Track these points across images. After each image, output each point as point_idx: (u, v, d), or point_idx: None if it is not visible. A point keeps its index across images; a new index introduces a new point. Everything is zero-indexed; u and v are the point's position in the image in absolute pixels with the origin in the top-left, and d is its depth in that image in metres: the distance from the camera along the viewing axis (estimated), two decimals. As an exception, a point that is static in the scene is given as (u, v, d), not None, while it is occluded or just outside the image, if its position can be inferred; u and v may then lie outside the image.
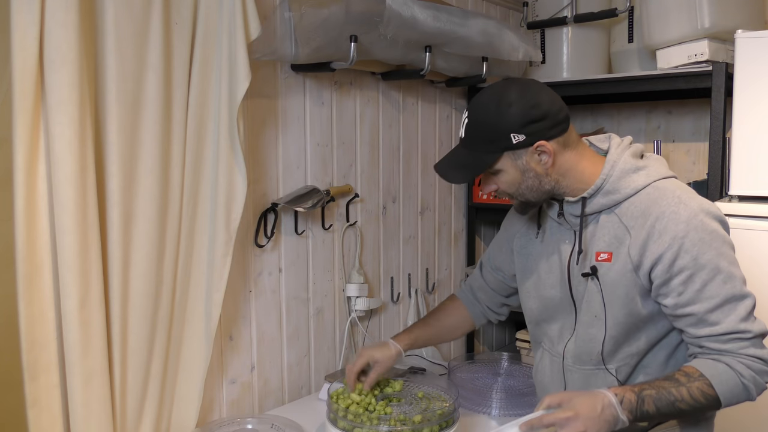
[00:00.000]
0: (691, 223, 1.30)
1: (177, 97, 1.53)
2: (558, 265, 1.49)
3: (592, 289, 1.41)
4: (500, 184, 1.41)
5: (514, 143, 1.34)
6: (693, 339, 1.34)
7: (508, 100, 1.34)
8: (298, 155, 1.99)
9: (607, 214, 1.40)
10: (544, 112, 1.34)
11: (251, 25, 1.59)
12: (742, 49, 1.92)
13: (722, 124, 2.06)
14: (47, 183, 1.32)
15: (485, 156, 1.37)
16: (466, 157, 1.40)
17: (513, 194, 1.43)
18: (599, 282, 1.40)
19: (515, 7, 2.82)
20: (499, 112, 1.34)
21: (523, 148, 1.35)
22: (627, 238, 1.36)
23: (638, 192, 1.37)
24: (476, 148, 1.38)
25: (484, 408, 1.89)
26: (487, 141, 1.37)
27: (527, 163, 1.37)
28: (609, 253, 1.38)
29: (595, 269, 1.40)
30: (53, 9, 1.26)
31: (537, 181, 1.38)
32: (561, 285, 1.48)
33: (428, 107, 2.51)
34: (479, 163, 1.39)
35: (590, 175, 1.40)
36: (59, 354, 1.37)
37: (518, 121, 1.33)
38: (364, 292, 2.19)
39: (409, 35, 1.97)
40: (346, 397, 1.63)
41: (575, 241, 1.44)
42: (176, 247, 1.58)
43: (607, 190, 1.38)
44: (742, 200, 1.98)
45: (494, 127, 1.35)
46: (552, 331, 1.55)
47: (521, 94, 1.35)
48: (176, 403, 1.65)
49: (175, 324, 1.61)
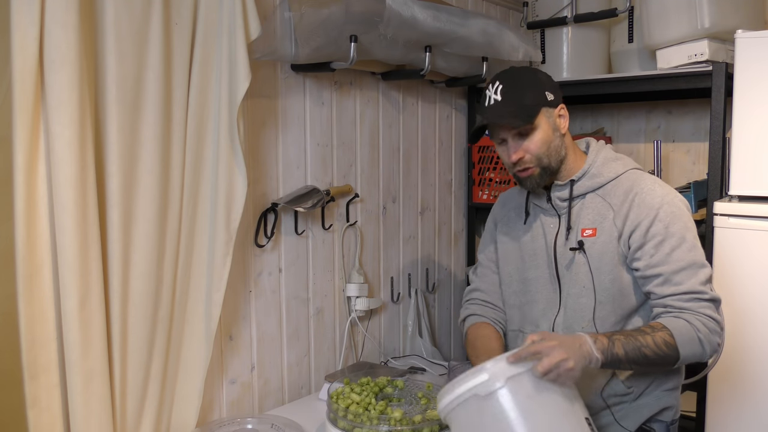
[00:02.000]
0: (665, 199, 1.51)
1: (177, 97, 1.53)
2: (543, 247, 1.63)
3: (580, 261, 1.56)
4: (533, 143, 1.52)
5: (548, 100, 1.53)
6: (658, 299, 1.50)
7: (533, 70, 1.61)
8: (298, 155, 1.99)
9: (592, 196, 1.58)
10: (557, 83, 1.60)
11: (251, 25, 1.59)
12: (742, 49, 1.92)
13: (722, 124, 2.06)
14: (47, 183, 1.32)
15: (531, 105, 1.52)
16: (515, 110, 1.51)
17: (541, 155, 1.53)
18: (586, 254, 1.55)
19: (515, 7, 2.82)
20: (533, 75, 1.57)
21: (554, 108, 1.55)
22: (610, 212, 1.55)
23: (618, 176, 1.57)
24: (519, 100, 1.52)
25: (484, 408, 1.89)
26: (528, 94, 1.52)
27: (556, 122, 1.55)
28: (593, 229, 1.56)
29: (582, 243, 1.56)
30: (53, 9, 1.26)
31: (560, 141, 1.56)
32: (547, 264, 1.62)
33: (428, 107, 2.51)
34: (528, 111, 1.51)
35: (579, 160, 1.61)
36: (59, 354, 1.37)
37: (548, 83, 1.57)
38: (364, 292, 2.19)
39: (409, 35, 1.98)
40: (345, 397, 1.63)
41: (560, 223, 1.61)
42: (176, 247, 1.58)
43: (592, 174, 1.58)
44: (742, 200, 1.97)
45: (533, 84, 1.54)
46: (535, 312, 1.65)
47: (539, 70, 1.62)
48: (176, 403, 1.65)
49: (175, 324, 1.61)
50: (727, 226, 1.94)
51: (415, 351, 2.45)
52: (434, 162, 2.56)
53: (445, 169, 2.62)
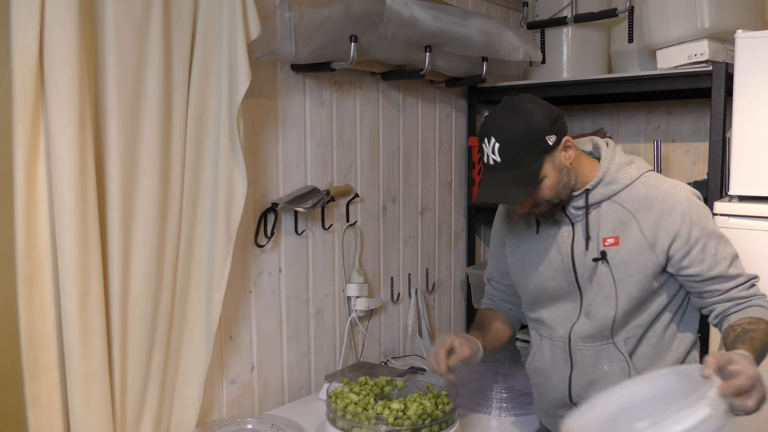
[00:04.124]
0: (691, 201, 1.50)
1: (177, 97, 1.53)
2: (558, 257, 1.57)
3: (602, 272, 1.51)
4: (542, 192, 1.45)
5: (550, 144, 1.44)
6: (721, 295, 1.49)
7: (526, 110, 1.44)
8: (298, 155, 1.99)
9: (608, 203, 1.52)
10: (556, 110, 1.48)
11: (251, 25, 1.59)
12: (742, 49, 1.92)
13: (722, 124, 2.06)
14: (47, 183, 1.32)
15: (532, 166, 1.43)
16: (514, 176, 1.43)
17: (551, 198, 1.47)
18: (609, 264, 1.50)
19: (515, 7, 2.82)
20: (528, 122, 1.43)
21: (556, 148, 1.45)
22: (633, 221, 1.49)
23: (634, 181, 1.52)
24: (519, 163, 1.43)
25: (484, 408, 1.89)
26: (527, 152, 1.43)
27: (561, 161, 1.46)
28: (615, 238, 1.50)
29: (604, 253, 1.50)
30: (53, 9, 1.26)
31: (568, 176, 1.48)
32: (564, 274, 1.56)
33: (428, 107, 2.51)
34: (531, 174, 1.43)
35: (590, 169, 1.53)
36: (59, 354, 1.37)
37: (546, 123, 1.44)
38: (364, 292, 2.19)
39: (409, 35, 1.97)
40: (344, 397, 1.63)
41: (574, 231, 1.54)
42: (176, 247, 1.58)
43: (607, 181, 1.51)
44: (742, 200, 1.97)
45: (529, 136, 1.42)
46: (551, 318, 1.61)
47: (532, 102, 1.46)
48: (176, 403, 1.65)
49: (175, 324, 1.61)
50: (727, 226, 1.94)
51: (415, 351, 2.45)
52: (434, 162, 2.56)
53: (445, 169, 2.62)
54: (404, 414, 1.54)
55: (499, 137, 1.43)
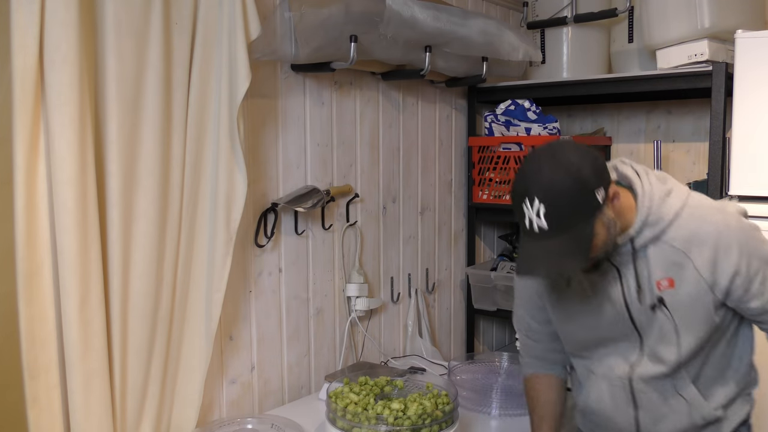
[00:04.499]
0: (743, 228, 1.39)
1: (177, 97, 1.53)
2: (609, 307, 1.43)
3: (661, 317, 1.39)
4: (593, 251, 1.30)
5: (600, 202, 1.25)
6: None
7: (571, 162, 1.25)
8: (298, 155, 1.99)
9: (655, 245, 1.37)
10: (600, 158, 1.30)
11: (251, 25, 1.59)
12: (742, 49, 1.92)
13: (722, 124, 2.06)
14: (47, 183, 1.32)
15: (585, 231, 1.26)
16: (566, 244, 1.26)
17: (598, 255, 1.33)
18: (668, 309, 1.38)
19: (515, 7, 2.82)
20: (576, 180, 1.24)
21: (605, 203, 1.27)
22: (687, 261, 1.36)
23: (678, 215, 1.36)
24: (570, 229, 1.25)
25: (484, 408, 1.89)
26: (578, 215, 1.25)
27: (609, 216, 1.29)
28: (669, 279, 1.37)
29: (661, 299, 1.38)
30: (53, 8, 1.26)
31: (616, 228, 1.31)
32: (618, 322, 1.43)
33: (428, 107, 2.51)
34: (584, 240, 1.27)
35: (629, 209, 1.36)
36: (59, 354, 1.37)
37: (594, 177, 1.25)
38: (364, 292, 2.19)
39: (409, 35, 1.97)
40: (344, 397, 1.62)
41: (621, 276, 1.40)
42: (176, 247, 1.58)
43: (652, 222, 1.36)
44: (742, 200, 1.97)
45: (579, 195, 1.24)
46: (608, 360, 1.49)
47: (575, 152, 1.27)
48: (176, 403, 1.65)
49: (175, 324, 1.61)
50: (727, 226, 1.94)
51: (415, 351, 2.45)
52: (434, 162, 2.56)
53: (445, 169, 2.62)
54: (404, 414, 1.54)
55: (545, 199, 1.23)
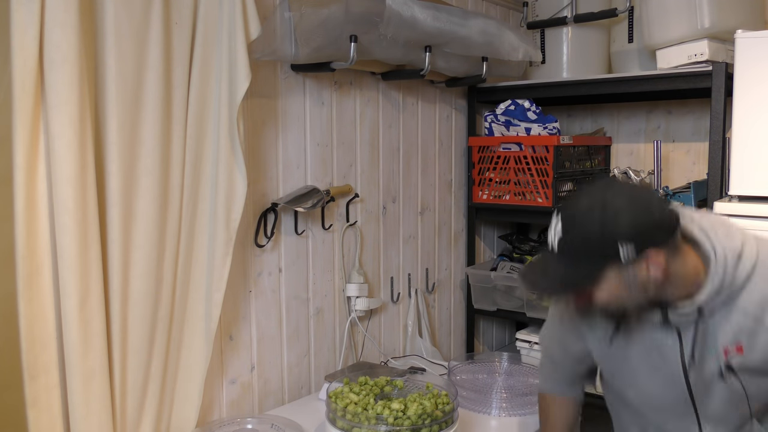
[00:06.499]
0: None
1: (177, 97, 1.53)
2: (663, 367, 1.34)
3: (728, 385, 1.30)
4: (597, 296, 1.22)
5: (620, 257, 1.16)
6: None
7: (611, 204, 1.17)
8: (298, 155, 1.99)
9: (723, 309, 1.27)
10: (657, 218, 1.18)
11: (251, 25, 1.59)
12: (742, 49, 1.92)
13: (722, 124, 2.06)
14: (47, 183, 1.32)
15: (584, 273, 1.20)
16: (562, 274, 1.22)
17: (610, 308, 1.25)
18: (736, 374, 1.28)
19: (515, 7, 2.82)
20: (604, 223, 1.16)
21: (633, 261, 1.16)
22: (760, 327, 1.26)
23: (750, 279, 1.25)
24: (573, 263, 1.20)
25: (484, 408, 1.89)
26: (587, 256, 1.18)
27: (635, 277, 1.18)
28: (739, 346, 1.27)
29: (730, 367, 1.28)
30: (53, 8, 1.26)
31: (645, 291, 1.21)
32: (672, 386, 1.34)
33: (428, 107, 2.51)
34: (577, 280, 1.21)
35: (696, 275, 1.24)
36: (59, 354, 1.37)
37: (628, 231, 1.15)
38: (364, 292, 2.19)
39: (409, 35, 1.97)
40: (344, 397, 1.62)
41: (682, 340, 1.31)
42: (176, 247, 1.58)
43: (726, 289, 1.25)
44: (742, 200, 1.97)
45: (595, 239, 1.16)
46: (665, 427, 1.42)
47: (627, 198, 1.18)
48: (176, 403, 1.65)
49: (175, 324, 1.61)
50: (727, 226, 1.94)
51: (415, 351, 2.45)
52: (434, 162, 2.56)
53: (445, 169, 2.62)
54: (404, 414, 1.54)
55: (564, 224, 1.20)
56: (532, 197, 2.46)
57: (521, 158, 2.45)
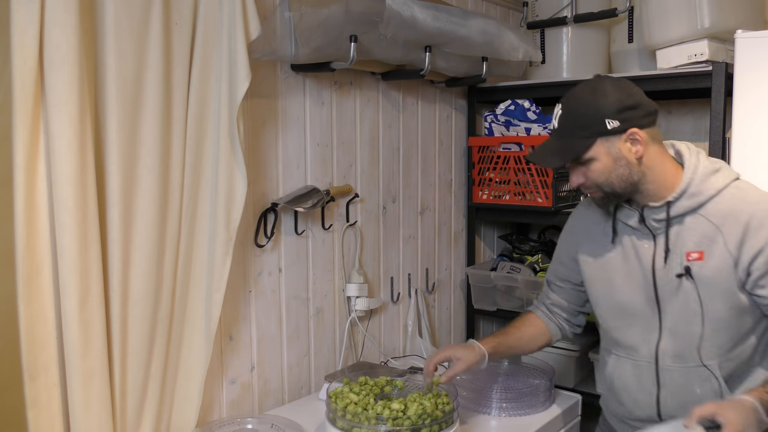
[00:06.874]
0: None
1: (177, 97, 1.53)
2: (639, 270, 1.51)
3: (687, 288, 1.45)
4: (591, 173, 1.44)
5: (608, 129, 1.40)
6: None
7: (603, 89, 1.42)
8: (298, 155, 1.99)
9: (692, 216, 1.45)
10: (638, 101, 1.43)
11: (251, 25, 1.59)
12: (742, 49, 1.92)
13: (722, 124, 2.06)
14: (47, 182, 1.32)
15: (580, 142, 1.42)
16: (561, 145, 1.45)
17: (601, 184, 1.45)
18: (694, 280, 1.44)
19: (515, 7, 2.82)
20: (595, 99, 1.41)
21: (617, 135, 1.41)
22: (719, 235, 1.42)
23: (720, 192, 1.44)
24: (570, 136, 1.44)
25: (484, 408, 1.89)
26: (581, 127, 1.42)
27: (620, 151, 1.42)
28: (700, 252, 1.44)
29: (688, 269, 1.44)
30: (53, 8, 1.26)
31: (627, 170, 1.43)
32: (643, 289, 1.51)
33: (428, 107, 2.51)
34: (573, 148, 1.43)
35: (672, 177, 1.46)
36: (59, 354, 1.37)
37: (613, 107, 1.40)
38: (364, 292, 2.19)
39: (409, 35, 1.97)
40: (344, 397, 1.62)
41: (656, 244, 1.48)
42: (176, 247, 1.58)
43: (691, 193, 1.44)
44: (742, 200, 1.97)
45: (589, 113, 1.41)
46: (630, 337, 1.55)
47: (616, 84, 1.44)
48: (176, 403, 1.65)
49: (175, 324, 1.61)
50: (727, 226, 1.94)
51: (415, 351, 2.45)
52: (434, 162, 2.56)
53: (445, 169, 2.62)
54: (404, 414, 1.54)
55: (564, 106, 1.46)
56: (532, 197, 2.46)
57: (521, 158, 2.45)
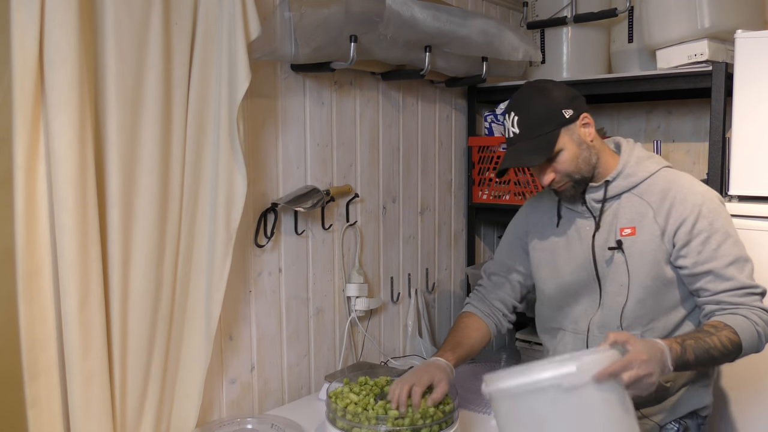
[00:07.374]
0: (706, 196, 1.54)
1: (177, 97, 1.53)
2: (580, 249, 1.63)
3: (618, 261, 1.57)
4: (560, 165, 1.54)
5: (567, 118, 1.53)
6: (711, 296, 1.49)
7: (545, 88, 1.56)
8: (298, 155, 1.99)
9: (628, 195, 1.58)
10: (574, 92, 1.58)
11: (251, 25, 1.59)
12: (742, 49, 1.92)
13: (722, 124, 2.06)
14: (47, 183, 1.32)
15: (549, 136, 1.52)
16: (533, 144, 1.53)
17: (572, 173, 1.55)
18: (624, 254, 1.56)
19: (515, 7, 2.82)
20: (545, 98, 1.54)
21: (574, 122, 1.54)
22: (649, 210, 1.55)
23: (653, 174, 1.58)
24: (537, 133, 1.53)
25: (484, 408, 1.89)
26: (543, 124, 1.52)
27: (580, 136, 1.55)
28: (632, 228, 1.56)
29: (620, 242, 1.56)
30: (53, 9, 1.26)
31: (588, 152, 1.56)
32: (585, 267, 1.62)
33: (428, 107, 2.51)
34: (547, 142, 1.52)
35: (611, 162, 1.61)
36: (59, 354, 1.37)
37: (563, 99, 1.54)
38: (364, 292, 2.19)
39: (409, 35, 1.97)
40: (344, 397, 1.62)
41: (596, 223, 1.61)
42: (176, 247, 1.58)
43: (627, 174, 1.58)
44: (742, 200, 1.97)
45: (546, 109, 1.53)
46: (575, 313, 1.66)
47: (551, 83, 1.59)
48: (176, 403, 1.65)
49: (175, 324, 1.61)
50: (727, 226, 1.94)
51: (415, 351, 2.45)
52: (434, 162, 2.56)
53: (445, 169, 2.62)
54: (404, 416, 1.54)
55: (518, 112, 1.54)
56: (532, 197, 2.46)
57: (521, 158, 2.45)
